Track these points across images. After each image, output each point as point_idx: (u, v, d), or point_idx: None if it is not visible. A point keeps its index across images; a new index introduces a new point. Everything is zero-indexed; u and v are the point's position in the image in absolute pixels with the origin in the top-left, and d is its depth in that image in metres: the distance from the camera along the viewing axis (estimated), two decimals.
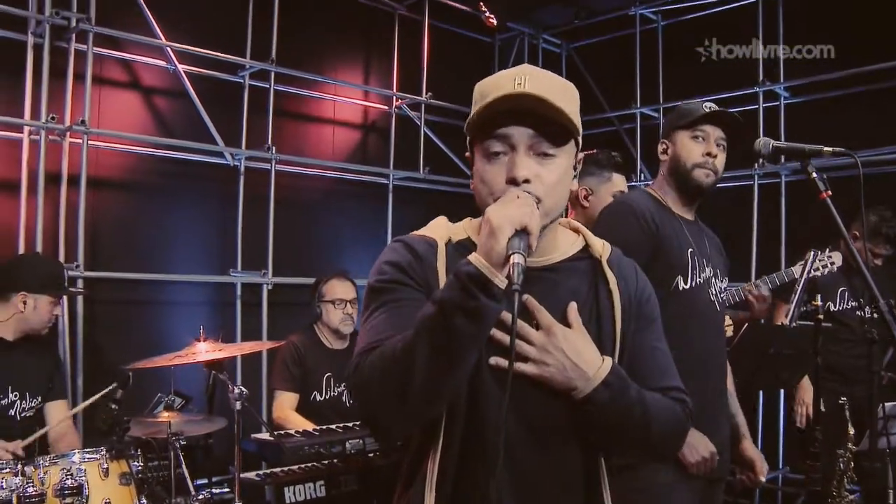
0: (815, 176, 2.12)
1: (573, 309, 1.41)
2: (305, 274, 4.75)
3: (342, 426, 3.49)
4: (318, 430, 3.47)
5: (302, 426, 3.59)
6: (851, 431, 3.26)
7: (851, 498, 3.14)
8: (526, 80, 1.37)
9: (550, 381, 1.36)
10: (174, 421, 3.13)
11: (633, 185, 4.69)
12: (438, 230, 1.49)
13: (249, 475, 3.26)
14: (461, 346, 1.24)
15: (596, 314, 1.46)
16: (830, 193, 2.09)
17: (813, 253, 3.31)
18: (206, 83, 4.79)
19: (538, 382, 1.37)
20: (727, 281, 2.65)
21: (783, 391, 4.79)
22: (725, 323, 3.42)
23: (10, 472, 2.54)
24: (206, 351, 3.22)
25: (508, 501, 1.34)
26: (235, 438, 3.09)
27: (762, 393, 5.05)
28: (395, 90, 5.70)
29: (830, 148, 2.14)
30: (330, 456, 3.27)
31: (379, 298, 1.41)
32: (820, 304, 2.85)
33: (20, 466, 2.56)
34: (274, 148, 4.92)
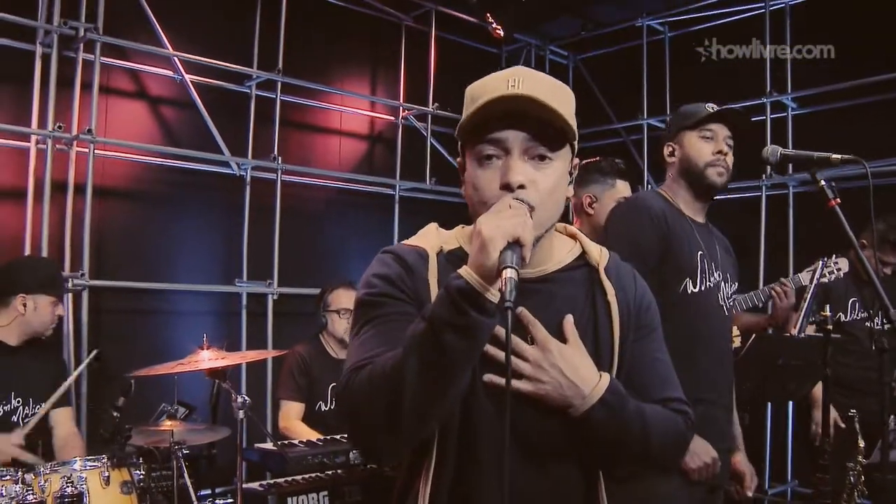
0: (823, 184, 2.10)
1: (569, 322, 1.36)
2: (311, 284, 4.74)
3: (346, 436, 3.46)
4: (321, 440, 3.45)
5: (307, 436, 3.58)
6: (861, 444, 3.22)
7: None
8: (520, 81, 1.32)
9: (545, 398, 1.32)
10: (177, 430, 3.11)
11: None
12: (429, 239, 1.44)
13: (253, 485, 3.24)
14: (453, 363, 1.19)
15: (593, 325, 1.41)
16: (839, 201, 2.07)
17: (822, 262, 3.28)
18: (212, 93, 4.81)
19: (534, 399, 1.32)
20: (736, 286, 2.62)
21: (792, 403, 4.74)
22: (734, 333, 3.41)
23: (10, 479, 2.51)
24: (209, 359, 3.21)
25: None
26: (238, 448, 3.07)
27: (770, 405, 5.00)
28: (401, 101, 5.71)
29: (839, 155, 2.11)
30: (334, 466, 3.25)
31: (368, 313, 1.36)
32: (829, 314, 2.82)
33: (20, 474, 2.54)
34: (280, 158, 4.93)
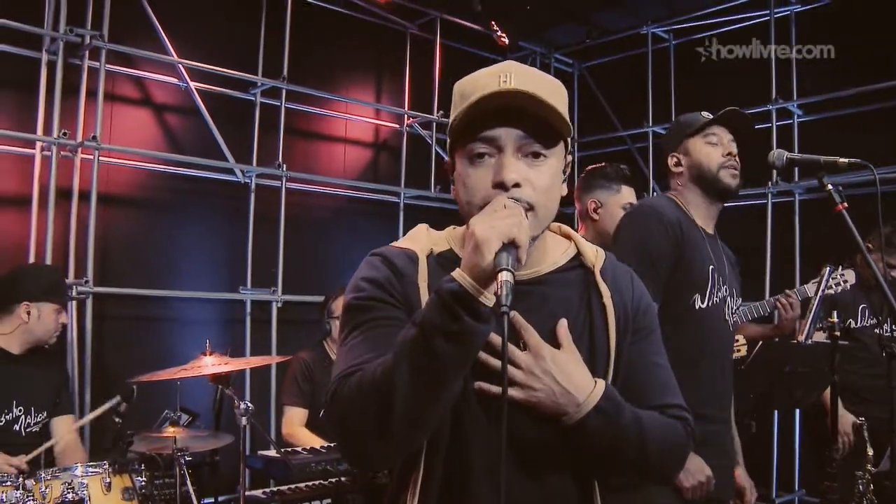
0: (830, 188, 2.08)
1: (563, 326, 1.31)
2: (315, 291, 4.73)
3: (335, 444, 3.44)
4: (325, 447, 3.43)
5: (310, 442, 3.57)
6: (870, 452, 3.19)
7: None
8: (512, 76, 1.27)
9: (538, 406, 1.28)
10: (180, 436, 3.09)
11: None
12: (419, 241, 1.39)
13: (256, 493, 3.23)
14: (445, 370, 1.14)
15: (588, 328, 1.36)
16: (847, 206, 2.06)
17: (828, 269, 3.26)
18: (217, 100, 4.82)
19: (527, 407, 1.28)
20: (740, 300, 2.60)
21: (799, 411, 4.70)
22: (740, 342, 3.39)
23: (10, 485, 2.50)
24: (212, 365, 3.19)
25: None
26: (241, 455, 3.06)
27: (777, 413, 4.96)
28: (406, 109, 5.71)
29: (846, 159, 2.10)
30: (337, 473, 3.24)
31: (357, 318, 1.31)
32: (836, 320, 2.79)
33: (21, 480, 2.52)
34: (285, 165, 4.93)
